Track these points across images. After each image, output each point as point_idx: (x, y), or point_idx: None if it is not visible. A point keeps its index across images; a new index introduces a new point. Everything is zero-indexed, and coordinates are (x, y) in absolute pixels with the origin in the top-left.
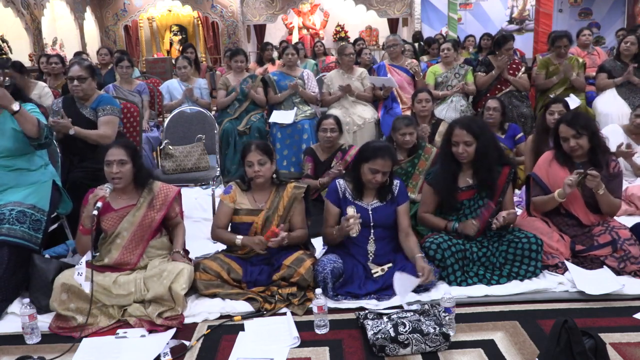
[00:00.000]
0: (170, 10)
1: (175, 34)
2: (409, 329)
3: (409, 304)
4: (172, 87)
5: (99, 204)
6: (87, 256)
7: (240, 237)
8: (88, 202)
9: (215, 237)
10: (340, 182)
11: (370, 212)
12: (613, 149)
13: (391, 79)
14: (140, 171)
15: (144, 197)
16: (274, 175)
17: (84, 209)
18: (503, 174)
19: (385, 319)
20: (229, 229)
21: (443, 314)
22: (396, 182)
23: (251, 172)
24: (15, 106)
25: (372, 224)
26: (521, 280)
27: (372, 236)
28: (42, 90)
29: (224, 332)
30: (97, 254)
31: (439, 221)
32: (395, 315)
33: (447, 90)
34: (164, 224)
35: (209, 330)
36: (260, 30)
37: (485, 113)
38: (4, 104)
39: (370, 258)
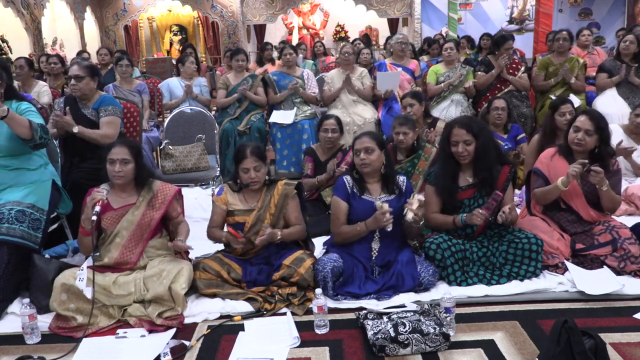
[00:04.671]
0: (170, 10)
1: (175, 34)
2: (409, 329)
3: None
4: (173, 85)
5: (97, 208)
6: (89, 262)
7: (224, 234)
8: (86, 204)
9: (209, 237)
10: (347, 178)
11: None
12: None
13: (397, 74)
14: (142, 170)
15: (143, 196)
16: (266, 176)
17: (84, 210)
18: (503, 172)
19: (385, 319)
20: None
21: (443, 314)
22: (402, 178)
23: (247, 179)
24: (3, 111)
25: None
26: (521, 280)
27: (377, 233)
28: (40, 89)
29: (224, 332)
30: (98, 253)
31: (446, 218)
32: (395, 315)
33: (448, 90)
34: (165, 224)
35: (209, 330)
36: (260, 30)
37: (493, 113)
38: None
39: (373, 256)
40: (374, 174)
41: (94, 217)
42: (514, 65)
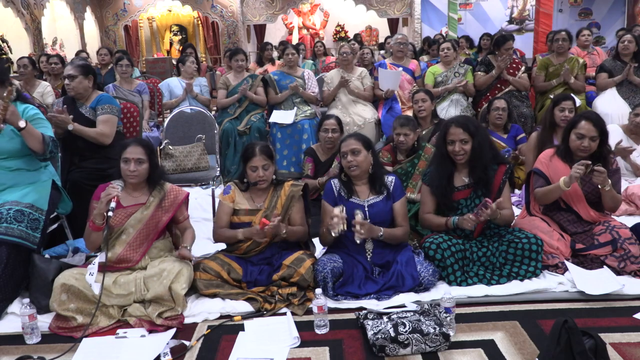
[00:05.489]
0: (170, 10)
1: (175, 34)
2: (409, 329)
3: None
4: (173, 85)
5: (113, 204)
6: (101, 257)
7: (241, 230)
8: (100, 199)
9: (218, 238)
10: (335, 182)
11: (366, 209)
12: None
13: (398, 73)
14: (155, 170)
15: (153, 197)
16: (273, 176)
17: (95, 205)
18: (499, 172)
19: (385, 319)
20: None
21: (443, 314)
22: (391, 178)
23: (255, 177)
24: (22, 123)
25: (368, 221)
26: (521, 280)
27: None
28: (44, 89)
29: (224, 332)
30: (102, 252)
31: (440, 219)
32: (395, 315)
33: (447, 88)
34: (170, 226)
35: (209, 330)
36: (260, 30)
37: (494, 113)
38: (13, 120)
39: (369, 257)
40: (362, 175)
41: (110, 213)
42: (514, 65)
